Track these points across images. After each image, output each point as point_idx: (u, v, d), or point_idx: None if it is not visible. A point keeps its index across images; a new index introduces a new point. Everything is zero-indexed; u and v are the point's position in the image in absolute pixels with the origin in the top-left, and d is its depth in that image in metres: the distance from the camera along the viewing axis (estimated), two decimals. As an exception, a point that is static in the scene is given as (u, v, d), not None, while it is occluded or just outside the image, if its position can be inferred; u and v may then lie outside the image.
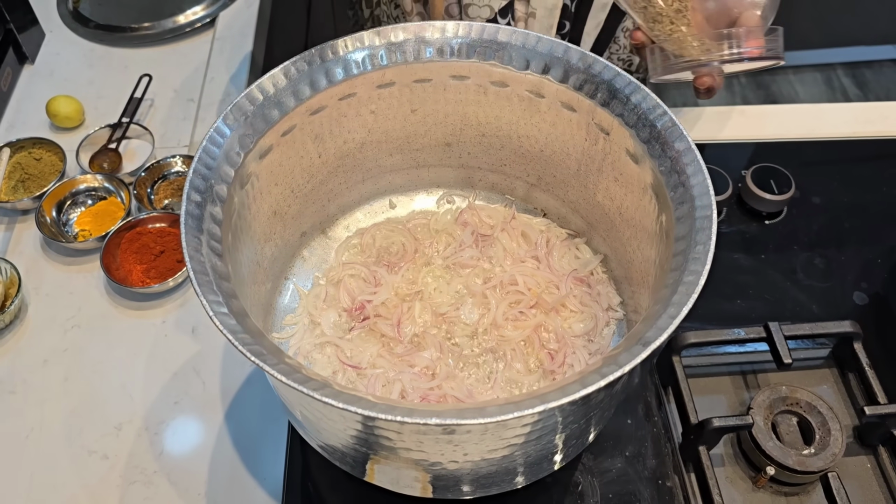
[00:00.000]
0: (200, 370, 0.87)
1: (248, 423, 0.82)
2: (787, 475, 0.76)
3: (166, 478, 0.79)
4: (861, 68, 2.58)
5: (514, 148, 0.80)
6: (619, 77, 0.68)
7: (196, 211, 0.58)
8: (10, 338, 0.89)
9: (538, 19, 0.94)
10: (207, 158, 0.61)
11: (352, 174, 0.80)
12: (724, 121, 1.12)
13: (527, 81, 0.72)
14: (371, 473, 0.65)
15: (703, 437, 0.77)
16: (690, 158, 0.62)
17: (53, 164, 1.03)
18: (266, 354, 0.50)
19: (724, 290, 0.93)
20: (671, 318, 0.52)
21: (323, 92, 0.69)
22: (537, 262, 0.80)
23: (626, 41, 1.04)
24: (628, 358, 0.51)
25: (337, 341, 0.73)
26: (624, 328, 0.76)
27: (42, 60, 1.22)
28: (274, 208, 0.72)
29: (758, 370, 0.86)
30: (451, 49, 0.71)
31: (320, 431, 0.63)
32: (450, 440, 0.55)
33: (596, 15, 0.97)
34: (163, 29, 1.25)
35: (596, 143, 0.72)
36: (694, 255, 0.56)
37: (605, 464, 0.79)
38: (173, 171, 1.03)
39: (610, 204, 0.75)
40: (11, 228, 0.99)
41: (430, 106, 0.77)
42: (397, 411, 0.47)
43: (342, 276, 0.78)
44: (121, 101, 1.12)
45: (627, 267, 0.75)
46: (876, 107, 1.15)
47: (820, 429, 0.77)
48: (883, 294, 0.94)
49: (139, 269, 0.93)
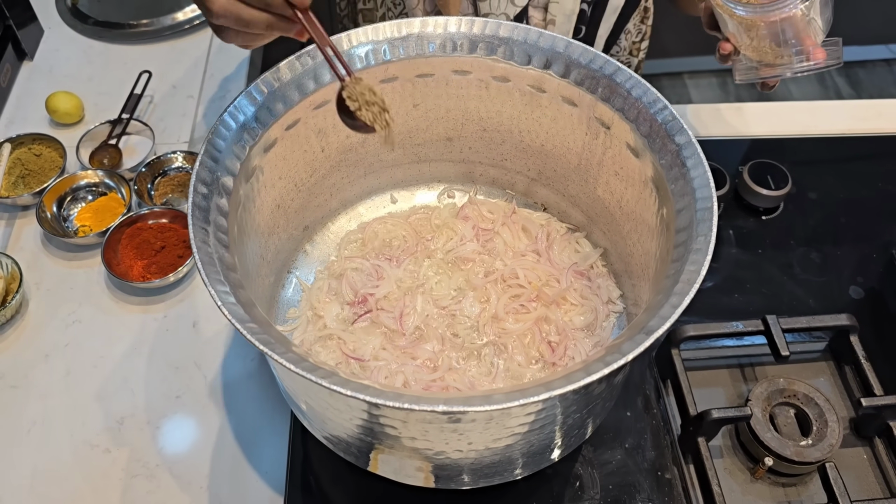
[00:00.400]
0: (202, 364, 0.87)
1: (250, 417, 0.83)
2: (785, 466, 0.76)
3: (168, 471, 0.79)
4: (854, 68, 2.60)
5: (515, 143, 0.81)
6: (620, 72, 0.69)
7: (203, 203, 0.58)
8: (12, 333, 0.89)
9: (557, 25, 0.95)
10: (213, 151, 0.61)
11: (354, 169, 0.81)
12: (720, 117, 1.13)
13: (528, 76, 0.73)
14: (375, 463, 0.65)
15: (702, 429, 0.77)
16: (691, 152, 0.63)
17: (53, 159, 1.03)
18: (274, 343, 0.51)
19: (721, 285, 0.94)
20: (673, 307, 0.53)
21: (327, 86, 0.70)
22: (538, 256, 0.81)
23: (626, 43, 1.05)
24: (632, 347, 0.51)
25: (340, 334, 0.74)
26: (624, 321, 0.77)
27: (41, 57, 1.22)
28: (277, 202, 0.73)
29: (755, 363, 0.87)
30: (454, 44, 0.72)
31: (325, 422, 0.63)
32: (455, 429, 0.56)
33: (608, 19, 0.98)
34: (161, 26, 1.25)
35: (597, 138, 0.73)
36: (695, 245, 0.57)
37: (604, 456, 0.79)
38: (173, 166, 1.03)
39: (610, 198, 0.76)
40: (12, 224, 0.99)
41: (431, 101, 0.77)
42: (405, 399, 0.48)
43: (345, 270, 0.78)
44: (120, 98, 1.12)
45: (627, 260, 0.76)
46: (871, 104, 1.16)
47: (817, 420, 0.78)
48: (878, 288, 0.95)
49: (140, 265, 0.93)
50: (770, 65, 0.74)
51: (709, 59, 2.51)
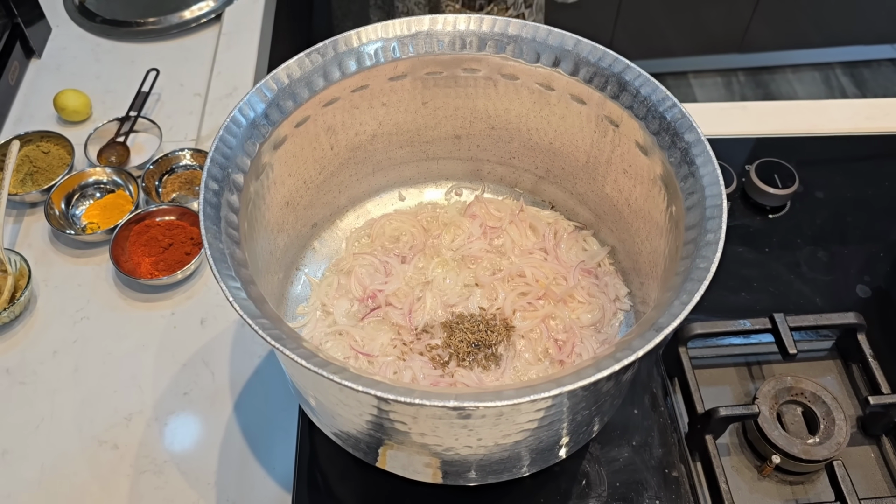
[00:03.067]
0: (209, 361, 0.87)
1: (258, 413, 0.83)
2: (793, 464, 0.76)
3: (176, 467, 0.80)
4: (859, 67, 2.60)
5: (523, 140, 0.81)
6: (629, 70, 0.69)
7: (214, 199, 0.59)
8: (21, 329, 0.90)
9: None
10: (224, 148, 0.61)
11: (362, 166, 0.81)
12: (726, 116, 1.13)
13: (537, 74, 0.73)
14: (383, 459, 0.66)
15: (709, 427, 0.77)
16: (700, 149, 0.63)
17: (61, 157, 1.04)
18: (286, 339, 0.51)
19: (729, 283, 0.94)
20: (683, 304, 0.53)
21: (336, 84, 0.70)
22: (545, 254, 0.81)
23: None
24: (642, 343, 0.51)
25: (349, 329, 0.74)
26: (632, 319, 0.77)
27: (49, 55, 1.22)
28: (287, 199, 0.73)
29: (763, 361, 0.87)
30: (463, 42, 0.72)
31: (335, 417, 0.63)
32: (465, 425, 0.56)
33: None
34: (169, 24, 1.26)
35: (605, 136, 0.73)
36: (705, 242, 0.57)
37: (612, 453, 0.79)
38: (181, 164, 1.03)
39: (618, 196, 0.76)
40: (20, 221, 0.99)
41: (440, 99, 0.77)
42: (416, 394, 0.48)
43: (353, 266, 0.79)
44: (128, 96, 1.13)
45: (635, 258, 0.76)
46: (877, 103, 1.16)
47: (824, 418, 0.78)
48: (885, 287, 0.95)
49: (148, 262, 0.93)
50: None
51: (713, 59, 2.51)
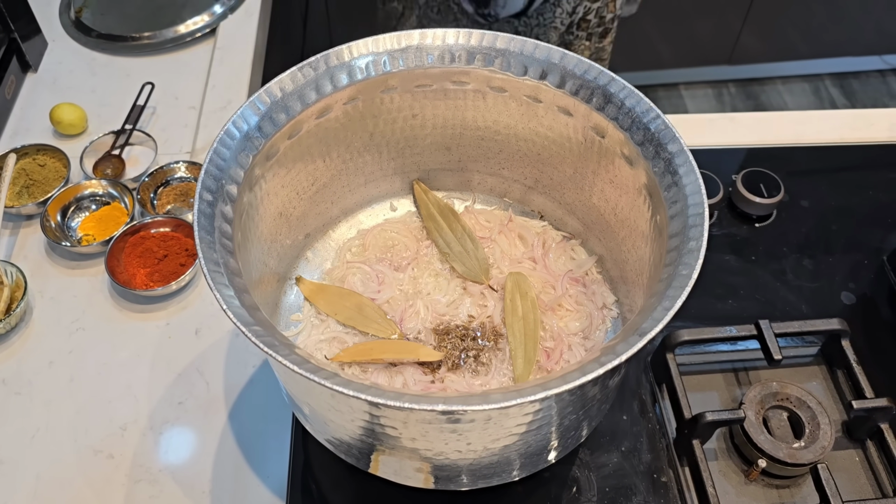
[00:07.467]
0: (204, 371, 0.88)
1: (252, 423, 0.84)
2: (779, 468, 0.78)
3: (171, 476, 0.80)
4: (848, 79, 2.63)
5: (512, 151, 0.82)
6: (614, 82, 0.70)
7: (208, 210, 0.60)
8: (16, 340, 0.91)
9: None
10: (218, 160, 0.63)
11: (354, 177, 0.82)
12: (715, 127, 1.15)
13: (525, 87, 0.74)
14: (376, 465, 0.67)
15: (696, 431, 0.79)
16: (683, 160, 0.65)
17: (57, 170, 1.05)
18: (279, 346, 0.52)
19: (715, 291, 0.96)
20: (666, 309, 0.55)
21: (328, 97, 0.71)
22: (534, 264, 0.82)
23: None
24: (625, 348, 0.53)
25: (343, 336, 0.75)
26: (619, 326, 0.78)
27: (45, 69, 1.24)
28: (280, 210, 0.74)
29: (749, 367, 0.88)
30: (452, 56, 0.74)
31: (327, 424, 0.65)
32: (454, 429, 0.57)
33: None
34: (164, 38, 1.27)
35: (592, 146, 0.75)
36: (688, 249, 0.58)
37: (601, 459, 0.81)
38: (176, 176, 1.05)
39: (605, 205, 0.78)
40: (16, 233, 1.01)
41: (430, 111, 0.79)
42: (405, 398, 0.49)
43: (346, 275, 0.80)
44: (123, 109, 1.14)
45: (622, 267, 0.78)
46: (862, 114, 1.18)
47: (810, 423, 0.80)
48: (869, 294, 0.96)
49: (143, 273, 0.94)
50: None
51: (704, 70, 2.54)
